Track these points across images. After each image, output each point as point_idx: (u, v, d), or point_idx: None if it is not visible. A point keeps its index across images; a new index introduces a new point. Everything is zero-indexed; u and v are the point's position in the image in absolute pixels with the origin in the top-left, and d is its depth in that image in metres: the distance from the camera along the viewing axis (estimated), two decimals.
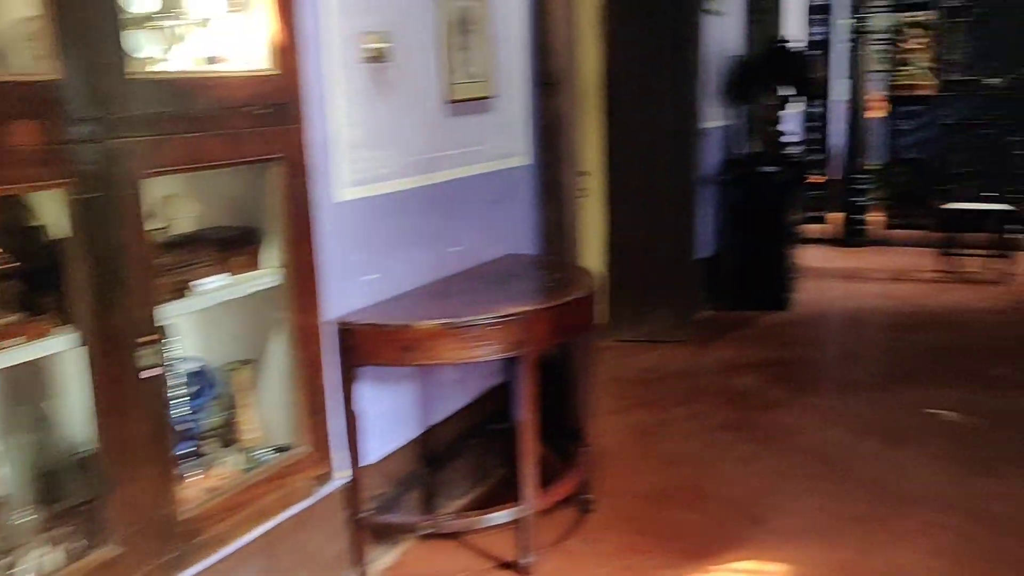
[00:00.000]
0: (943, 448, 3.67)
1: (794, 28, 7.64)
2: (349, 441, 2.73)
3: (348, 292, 2.76)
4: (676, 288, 5.31)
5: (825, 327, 5.83)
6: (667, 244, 5.27)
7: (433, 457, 3.25)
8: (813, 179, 7.67)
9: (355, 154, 2.73)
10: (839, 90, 8.40)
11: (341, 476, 2.69)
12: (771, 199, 5.90)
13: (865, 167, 8.02)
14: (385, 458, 2.99)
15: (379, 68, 2.78)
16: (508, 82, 3.52)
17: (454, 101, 3.17)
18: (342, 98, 2.65)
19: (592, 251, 5.24)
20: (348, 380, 2.71)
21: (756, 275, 6.02)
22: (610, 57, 5.12)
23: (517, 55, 3.57)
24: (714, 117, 5.88)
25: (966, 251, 6.71)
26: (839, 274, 7.09)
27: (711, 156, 5.88)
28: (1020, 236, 6.64)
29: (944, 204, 6.86)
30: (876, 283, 6.71)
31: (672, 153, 5.18)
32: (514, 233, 3.67)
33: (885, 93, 8.15)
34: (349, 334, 2.67)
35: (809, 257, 7.10)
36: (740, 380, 4.62)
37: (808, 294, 6.31)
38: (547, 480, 2.96)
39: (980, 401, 4.20)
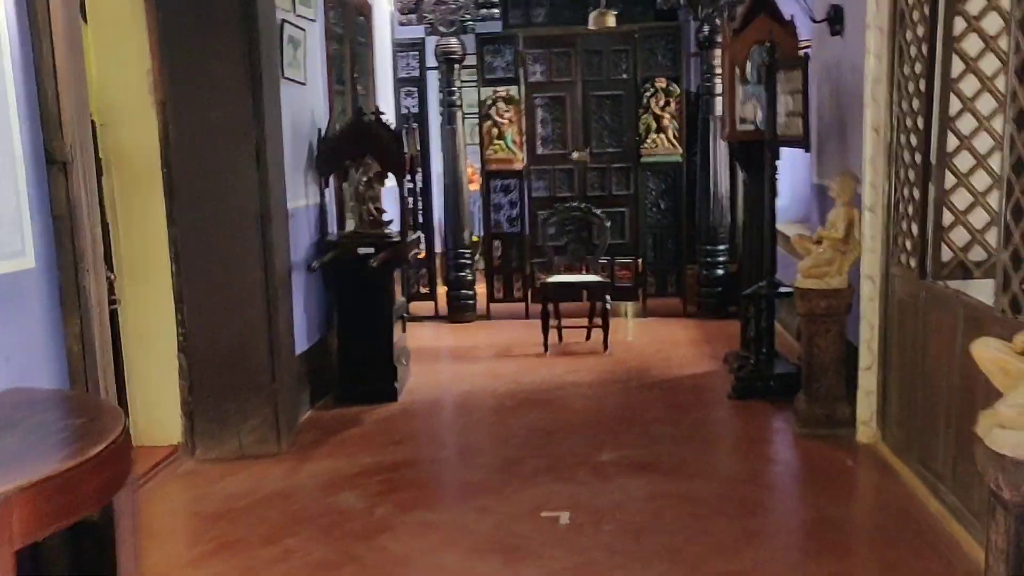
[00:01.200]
0: (560, 561, 3.31)
1: (385, 100, 7.38)
2: None
3: None
4: (271, 391, 4.61)
5: (435, 417, 5.45)
6: (256, 341, 4.57)
7: None
8: (416, 255, 7.40)
9: None
10: (437, 164, 8.28)
11: None
12: (371, 281, 5.44)
13: (468, 241, 7.93)
14: None
15: None
16: None
17: None
18: None
19: (160, 361, 4.40)
20: None
21: (362, 364, 5.53)
22: (170, 131, 4.35)
23: (6, 127, 2.70)
24: (303, 196, 5.34)
25: (565, 323, 6.78)
26: (448, 354, 6.85)
27: (303, 238, 5.31)
28: (611, 305, 6.81)
29: (541, 276, 6.90)
30: (484, 361, 6.52)
31: (255, 238, 4.52)
32: (19, 361, 2.76)
33: (481, 166, 8.16)
34: None
35: (418, 337, 6.78)
36: (343, 498, 4.01)
37: (418, 378, 5.96)
38: None
39: (591, 494, 3.96)
